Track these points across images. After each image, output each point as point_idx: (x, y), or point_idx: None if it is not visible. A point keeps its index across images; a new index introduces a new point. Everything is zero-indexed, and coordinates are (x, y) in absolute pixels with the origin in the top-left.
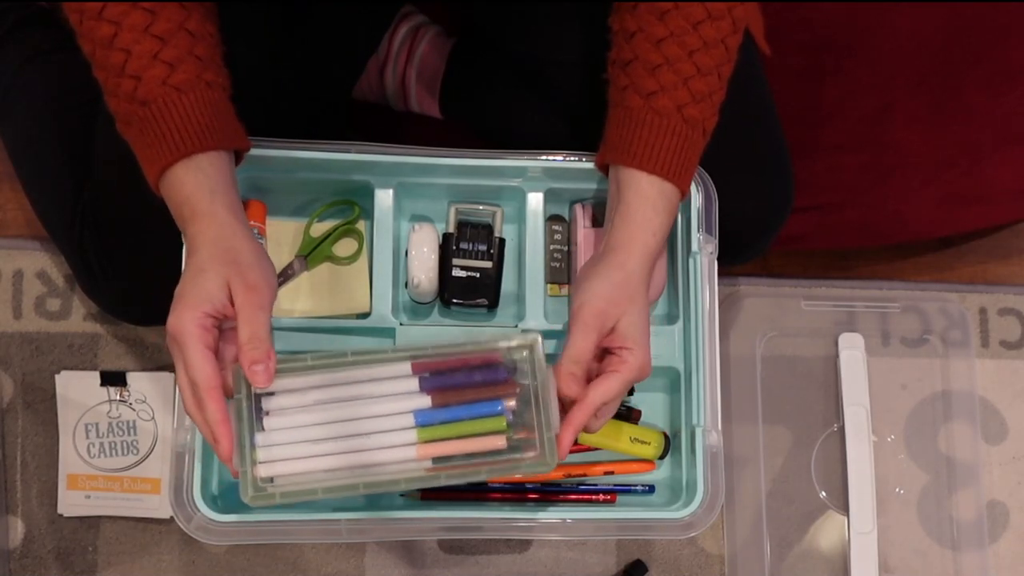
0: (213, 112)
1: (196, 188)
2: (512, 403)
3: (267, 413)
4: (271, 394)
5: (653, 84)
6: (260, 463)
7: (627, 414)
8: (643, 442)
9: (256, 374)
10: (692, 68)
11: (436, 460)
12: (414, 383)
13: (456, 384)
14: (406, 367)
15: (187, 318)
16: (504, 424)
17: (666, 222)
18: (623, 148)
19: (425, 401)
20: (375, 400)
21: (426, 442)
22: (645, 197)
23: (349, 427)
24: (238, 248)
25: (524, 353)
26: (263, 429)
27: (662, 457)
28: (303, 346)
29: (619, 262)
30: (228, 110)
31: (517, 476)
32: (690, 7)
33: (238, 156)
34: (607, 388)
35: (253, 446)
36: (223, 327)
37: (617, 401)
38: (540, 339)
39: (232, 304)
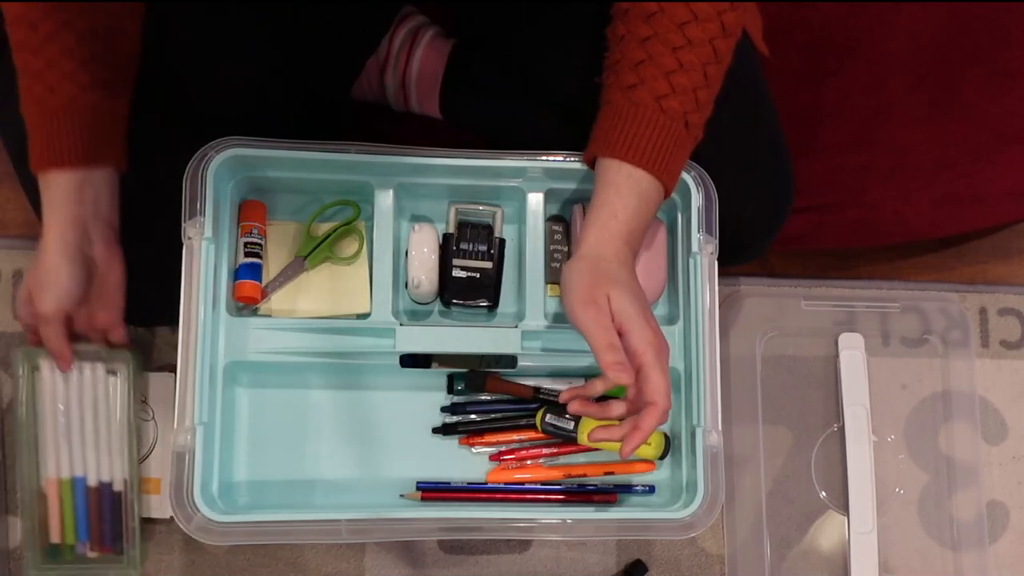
0: (34, 128)
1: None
2: None
3: None
4: None
5: (634, 78)
6: None
7: None
8: (643, 442)
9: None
10: (674, 63)
11: None
12: None
13: None
14: None
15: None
16: None
17: (632, 205)
18: (601, 140)
19: None
20: None
21: None
22: (610, 183)
23: None
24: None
25: None
26: None
27: (662, 457)
28: (303, 346)
29: (582, 253)
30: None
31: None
32: (675, 9)
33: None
34: (652, 385)
35: None
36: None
37: (665, 382)
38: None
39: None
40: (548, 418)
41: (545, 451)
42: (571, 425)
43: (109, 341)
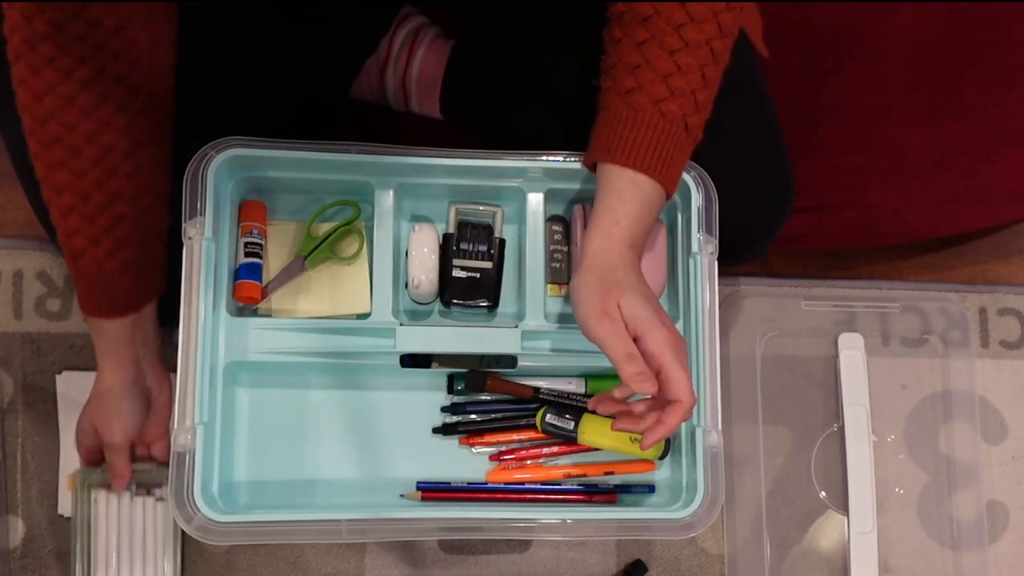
0: (90, 287)
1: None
2: None
3: None
4: None
5: (632, 82)
6: None
7: None
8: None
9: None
10: (672, 66)
11: None
12: None
13: None
14: None
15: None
16: None
17: (635, 210)
18: (601, 145)
19: None
20: None
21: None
22: (612, 188)
23: None
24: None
25: None
26: None
27: (662, 457)
28: (303, 346)
29: (587, 263)
30: (107, 284)
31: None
32: (671, 11)
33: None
34: (675, 384)
35: None
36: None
37: (687, 379)
38: None
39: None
40: (548, 418)
41: (545, 451)
42: (571, 425)
43: (153, 456)
